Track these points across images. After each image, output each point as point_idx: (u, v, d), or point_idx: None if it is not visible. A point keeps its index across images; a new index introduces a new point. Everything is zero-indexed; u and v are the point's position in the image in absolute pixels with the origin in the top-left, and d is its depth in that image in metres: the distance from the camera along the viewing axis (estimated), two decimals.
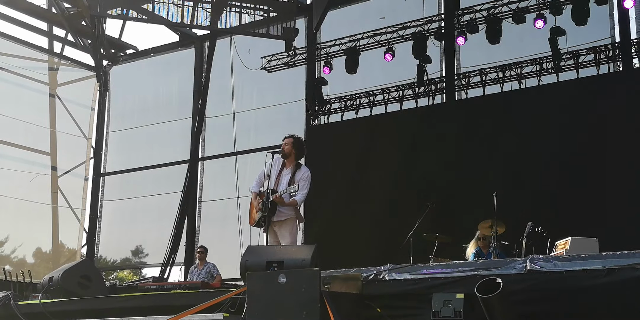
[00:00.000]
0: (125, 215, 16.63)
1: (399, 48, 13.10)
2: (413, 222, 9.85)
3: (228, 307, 6.32)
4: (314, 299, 5.43)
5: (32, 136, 16.26)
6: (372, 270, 6.37)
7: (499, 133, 11.67)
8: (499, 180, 10.77)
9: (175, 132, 16.11)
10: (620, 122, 10.73)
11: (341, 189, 12.69)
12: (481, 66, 12.50)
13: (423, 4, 12.90)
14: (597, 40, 11.60)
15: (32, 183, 15.87)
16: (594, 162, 10.69)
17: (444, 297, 5.66)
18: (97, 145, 17.34)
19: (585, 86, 11.51)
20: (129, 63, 17.44)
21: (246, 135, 15.14)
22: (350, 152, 13.06)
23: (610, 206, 10.20)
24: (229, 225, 14.21)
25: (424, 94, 13.04)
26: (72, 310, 7.86)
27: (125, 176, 16.83)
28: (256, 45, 14.59)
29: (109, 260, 17.26)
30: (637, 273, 5.13)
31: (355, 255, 10.72)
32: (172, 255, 14.49)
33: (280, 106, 14.81)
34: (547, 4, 11.59)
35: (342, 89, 13.77)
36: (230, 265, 11.97)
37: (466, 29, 12.38)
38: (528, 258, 5.76)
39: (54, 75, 17.02)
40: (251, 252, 6.41)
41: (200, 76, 15.75)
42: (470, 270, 5.91)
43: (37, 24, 16.44)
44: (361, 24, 13.74)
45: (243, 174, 14.35)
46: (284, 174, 7.43)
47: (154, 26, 20.47)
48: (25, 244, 16.27)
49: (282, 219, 7.33)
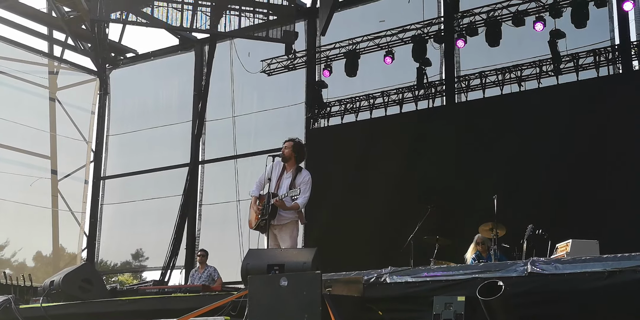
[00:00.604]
0: (126, 219, 16.63)
1: (399, 51, 13.14)
2: (413, 225, 9.83)
3: (229, 310, 6.32)
4: (316, 302, 5.42)
5: (32, 140, 16.26)
6: (373, 273, 6.36)
7: (499, 136, 11.67)
8: (499, 183, 10.77)
9: (175, 136, 16.11)
10: (620, 125, 10.74)
11: (341, 192, 12.68)
12: (481, 69, 12.52)
13: (423, 7, 12.91)
14: (597, 43, 11.62)
15: (32, 187, 15.87)
16: (594, 165, 10.69)
17: (445, 300, 5.65)
18: (97, 148, 17.36)
19: (585, 89, 11.52)
20: (129, 67, 17.46)
21: (246, 139, 15.14)
22: (350, 155, 13.06)
23: (611, 208, 10.20)
24: (229, 229, 14.18)
25: (424, 97, 13.06)
26: (73, 313, 7.85)
27: (126, 180, 16.84)
28: (256, 48, 14.60)
29: (110, 263, 17.25)
30: (638, 275, 5.14)
31: (356, 258, 10.71)
32: (173, 258, 14.46)
33: (280, 109, 14.82)
34: (547, 7, 11.62)
35: (342, 92, 13.79)
36: (231, 269, 11.96)
37: (466, 31, 12.41)
38: (529, 261, 5.76)
39: (54, 79, 17.03)
40: (252, 256, 6.40)
41: (200, 79, 15.75)
42: (471, 273, 5.91)
43: (37, 28, 16.49)
44: (361, 27, 13.76)
45: (243, 178, 14.32)
46: (285, 177, 7.41)
47: (153, 30, 20.54)
48: (26, 248, 16.27)
49: (283, 223, 7.32)
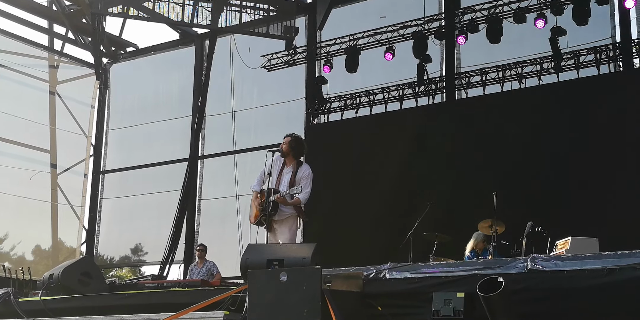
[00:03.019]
0: (125, 213, 16.63)
1: (400, 47, 13.12)
2: (413, 221, 9.86)
3: (228, 305, 6.31)
4: (315, 297, 5.42)
5: (32, 134, 16.26)
6: (373, 269, 6.35)
7: (499, 132, 11.67)
8: (499, 180, 10.77)
9: (175, 130, 16.10)
10: (620, 122, 10.75)
11: (341, 188, 12.67)
12: (481, 66, 12.52)
13: (424, 3, 12.91)
14: (598, 40, 11.63)
15: (32, 180, 15.87)
16: (594, 162, 10.69)
17: (445, 296, 5.64)
18: (97, 143, 17.36)
19: (586, 86, 11.53)
20: (129, 61, 17.45)
21: (246, 134, 15.13)
22: (350, 150, 13.06)
23: (611, 206, 10.21)
24: (229, 224, 14.21)
25: (424, 93, 13.06)
26: (72, 307, 7.84)
27: (125, 174, 16.83)
28: (256, 43, 14.57)
29: (108, 258, 17.25)
30: (637, 273, 5.13)
31: (355, 254, 10.74)
32: (172, 253, 14.47)
33: (280, 105, 14.81)
34: (548, 4, 11.60)
35: (342, 87, 13.79)
36: (230, 264, 11.99)
37: (467, 28, 12.39)
38: (529, 257, 5.76)
39: (54, 73, 17.02)
40: (252, 250, 6.39)
41: (200, 74, 15.73)
42: (471, 269, 5.91)
43: (37, 22, 16.46)
44: (362, 22, 13.74)
45: (243, 173, 14.33)
46: (285, 172, 7.41)
47: (154, 24, 20.45)
48: (25, 242, 16.28)
49: (283, 218, 7.33)
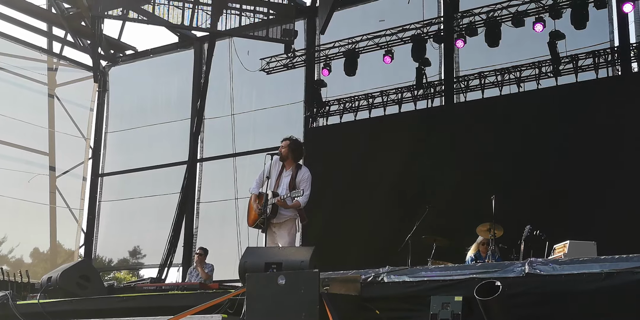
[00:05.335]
0: (124, 216, 16.61)
1: (398, 50, 13.12)
2: (411, 224, 9.86)
3: (227, 308, 6.33)
4: (313, 301, 5.44)
5: (31, 136, 16.23)
6: (371, 273, 6.37)
7: (498, 136, 11.67)
8: (498, 184, 10.77)
9: (174, 133, 16.09)
10: (619, 126, 10.74)
11: (340, 191, 12.68)
12: (480, 69, 12.52)
13: (423, 7, 12.90)
14: (596, 44, 11.63)
15: (30, 183, 15.85)
16: (592, 166, 10.69)
17: (443, 300, 5.66)
18: (96, 145, 17.33)
19: (584, 90, 11.52)
20: (128, 64, 17.42)
21: (245, 137, 15.12)
22: (348, 154, 13.05)
23: (609, 210, 10.19)
24: (227, 227, 14.19)
25: (423, 97, 13.05)
26: (70, 310, 7.86)
27: (124, 177, 16.81)
28: (255, 46, 14.57)
29: (107, 260, 17.24)
30: (635, 277, 5.15)
31: (354, 257, 10.74)
32: (170, 256, 14.44)
33: (279, 108, 14.81)
34: (547, 8, 11.61)
35: (341, 91, 13.77)
36: (228, 267, 11.98)
37: (465, 32, 12.40)
38: (527, 261, 5.78)
39: (53, 76, 17.00)
40: (250, 254, 6.41)
41: (199, 77, 15.73)
42: (469, 273, 5.92)
43: (36, 24, 16.42)
44: (361, 26, 13.74)
45: (242, 176, 14.33)
46: (284, 175, 7.43)
47: (153, 27, 20.49)
48: (23, 244, 16.25)
49: (282, 221, 7.34)
